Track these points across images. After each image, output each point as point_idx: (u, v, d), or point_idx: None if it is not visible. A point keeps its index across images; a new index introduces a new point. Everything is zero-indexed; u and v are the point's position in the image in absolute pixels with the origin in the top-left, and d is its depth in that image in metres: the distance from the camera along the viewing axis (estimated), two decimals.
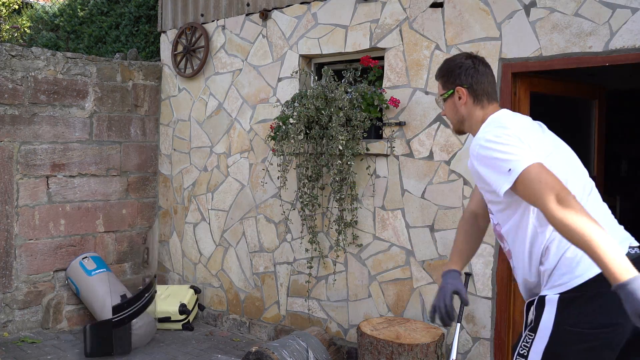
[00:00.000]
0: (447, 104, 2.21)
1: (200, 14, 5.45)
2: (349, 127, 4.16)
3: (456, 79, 2.16)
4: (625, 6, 3.26)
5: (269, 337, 4.83)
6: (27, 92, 4.85)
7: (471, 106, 2.15)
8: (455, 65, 2.18)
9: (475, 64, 2.16)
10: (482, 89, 2.14)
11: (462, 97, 2.15)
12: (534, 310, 1.96)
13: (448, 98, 2.20)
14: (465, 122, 2.19)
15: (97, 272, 4.99)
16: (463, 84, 2.15)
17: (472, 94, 2.14)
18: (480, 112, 2.15)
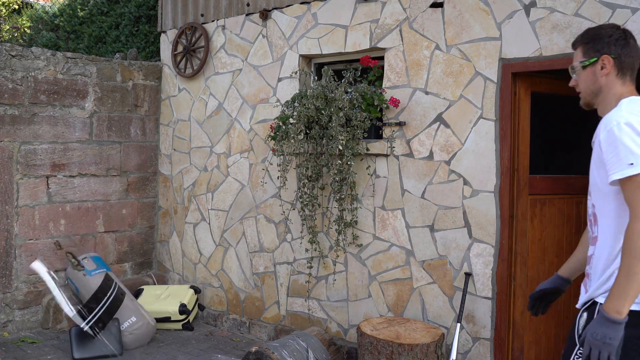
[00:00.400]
0: (585, 73, 2.07)
1: (200, 14, 5.45)
2: (349, 127, 4.16)
3: (604, 46, 2.02)
4: (625, 6, 3.26)
5: (269, 337, 4.83)
6: (27, 92, 4.85)
7: (613, 78, 2.03)
8: (604, 33, 2.04)
9: (627, 35, 2.04)
10: (629, 63, 2.02)
11: (605, 67, 2.02)
12: (586, 317, 1.94)
13: (588, 66, 2.05)
14: (600, 95, 2.06)
15: (97, 272, 4.98)
16: (611, 53, 2.01)
17: (618, 65, 2.02)
18: (621, 88, 2.02)
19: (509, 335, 3.75)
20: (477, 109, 3.79)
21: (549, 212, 3.86)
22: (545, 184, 3.84)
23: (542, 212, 3.82)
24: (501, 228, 3.69)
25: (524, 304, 3.75)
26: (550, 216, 3.86)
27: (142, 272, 5.75)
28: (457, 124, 3.89)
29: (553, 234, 3.86)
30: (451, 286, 3.94)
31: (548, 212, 3.85)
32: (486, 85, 3.76)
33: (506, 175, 3.68)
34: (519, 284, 3.75)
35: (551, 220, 3.86)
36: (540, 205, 3.82)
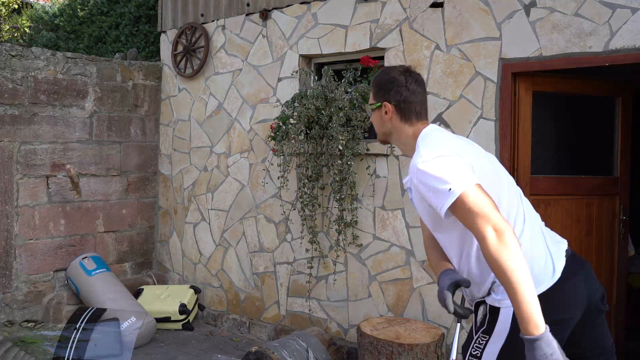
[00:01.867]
0: (375, 115, 2.19)
1: (200, 14, 5.45)
2: (349, 127, 4.16)
3: (385, 93, 2.13)
4: (625, 6, 3.26)
5: (269, 337, 4.83)
6: (27, 92, 4.85)
7: (398, 122, 2.13)
8: (387, 80, 2.15)
9: (408, 81, 2.12)
10: (410, 108, 2.11)
11: (388, 113, 2.13)
12: (488, 314, 1.99)
13: (376, 109, 2.18)
14: (392, 136, 2.18)
15: (97, 272, 4.99)
16: (391, 101, 2.12)
17: (399, 111, 2.11)
18: (410, 129, 2.12)
19: None
20: (477, 109, 3.79)
21: (554, 213, 3.78)
22: (550, 184, 3.80)
23: (546, 213, 3.72)
24: None
25: None
26: (556, 217, 3.78)
27: (142, 272, 5.75)
28: (457, 124, 3.89)
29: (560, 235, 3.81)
30: None
31: (553, 213, 3.78)
32: (486, 85, 3.76)
33: None
34: None
35: (557, 222, 3.77)
36: (545, 206, 3.75)
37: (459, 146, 1.98)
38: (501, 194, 1.97)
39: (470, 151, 2.01)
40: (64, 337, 4.26)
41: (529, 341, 1.68)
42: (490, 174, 1.99)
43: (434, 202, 1.87)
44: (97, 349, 4.30)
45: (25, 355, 4.19)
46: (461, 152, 1.93)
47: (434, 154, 1.90)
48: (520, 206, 2.03)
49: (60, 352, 4.16)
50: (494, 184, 1.95)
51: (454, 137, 2.09)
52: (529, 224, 2.01)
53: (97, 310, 4.56)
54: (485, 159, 2.05)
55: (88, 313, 4.48)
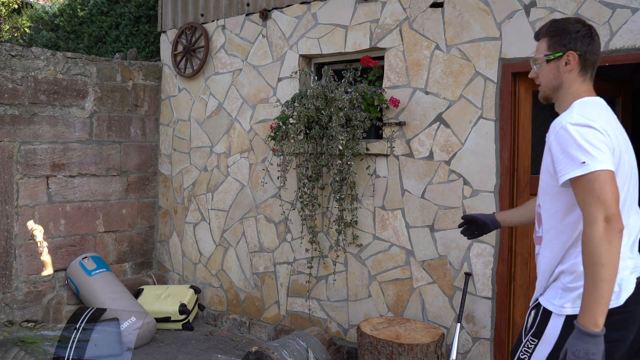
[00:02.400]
0: (548, 67, 2.03)
1: (200, 14, 5.45)
2: (349, 127, 4.16)
3: (570, 41, 1.99)
4: (625, 6, 3.26)
5: (269, 337, 4.83)
6: (27, 92, 4.85)
7: (575, 75, 2.00)
8: (572, 28, 2.00)
9: (593, 32, 2.01)
10: (592, 61, 2.01)
11: (570, 63, 2.00)
12: (539, 317, 1.95)
13: (553, 60, 2.02)
14: (560, 90, 2.04)
15: (97, 272, 4.99)
16: (577, 50, 1.99)
17: (582, 62, 2.00)
18: (580, 86, 2.01)
19: (509, 335, 3.75)
20: (477, 109, 3.79)
21: None
22: None
23: None
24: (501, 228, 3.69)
25: (524, 304, 3.74)
26: None
27: (142, 272, 5.75)
28: (457, 124, 3.89)
29: None
30: (451, 286, 3.94)
31: None
32: (486, 85, 3.76)
33: (506, 175, 3.68)
34: (519, 284, 3.75)
35: None
36: None
37: (612, 128, 1.90)
38: (625, 191, 1.92)
39: (620, 138, 1.93)
40: (64, 337, 4.26)
41: (584, 332, 1.69)
42: (625, 166, 1.93)
43: (561, 166, 1.83)
44: (97, 349, 4.30)
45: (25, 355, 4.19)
46: (611, 134, 1.86)
47: (586, 121, 1.83)
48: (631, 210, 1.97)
49: (60, 352, 4.16)
50: (625, 178, 1.91)
51: (612, 117, 1.99)
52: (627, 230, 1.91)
53: (97, 310, 4.56)
54: (626, 153, 1.96)
55: (88, 313, 4.48)
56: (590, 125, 1.83)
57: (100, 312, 4.53)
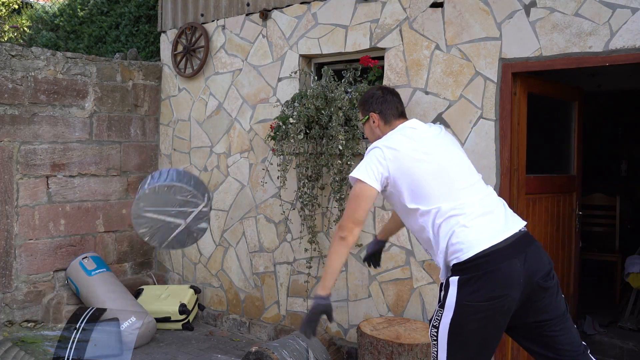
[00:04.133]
0: (366, 128, 2.73)
1: (200, 14, 5.45)
2: (348, 127, 4.16)
3: (369, 107, 2.70)
4: (625, 6, 3.26)
5: (269, 337, 4.83)
6: (27, 92, 4.85)
7: (383, 127, 2.66)
8: (368, 97, 2.72)
9: (384, 93, 2.70)
10: (389, 113, 2.66)
11: (375, 121, 2.68)
12: (442, 289, 2.35)
13: (366, 122, 2.72)
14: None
15: (97, 272, 4.99)
16: (375, 110, 2.68)
17: (382, 117, 2.67)
18: (390, 128, 2.63)
19: None
20: (477, 109, 3.79)
21: (538, 211, 3.95)
22: (537, 183, 3.93)
23: (534, 211, 3.91)
24: None
25: None
26: (539, 214, 3.95)
27: (142, 272, 5.75)
28: (457, 124, 3.89)
29: (541, 231, 3.94)
30: None
31: (538, 210, 3.94)
32: (486, 85, 3.76)
33: (506, 175, 3.68)
34: None
35: (540, 218, 3.95)
36: (532, 204, 3.90)
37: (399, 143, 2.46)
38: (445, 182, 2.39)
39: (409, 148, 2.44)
40: (64, 337, 4.26)
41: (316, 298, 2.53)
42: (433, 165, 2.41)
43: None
44: (97, 349, 4.30)
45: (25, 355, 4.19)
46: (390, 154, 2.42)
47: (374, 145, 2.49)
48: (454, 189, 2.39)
49: (60, 352, 4.16)
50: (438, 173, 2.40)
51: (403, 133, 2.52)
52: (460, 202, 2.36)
53: (97, 310, 4.56)
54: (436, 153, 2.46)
55: (88, 313, 4.48)
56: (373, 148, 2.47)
57: (100, 312, 4.53)
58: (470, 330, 2.25)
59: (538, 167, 3.96)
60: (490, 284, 2.22)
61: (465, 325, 2.25)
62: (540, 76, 3.94)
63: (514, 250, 2.27)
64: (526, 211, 3.77)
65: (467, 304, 2.24)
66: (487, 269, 2.23)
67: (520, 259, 2.26)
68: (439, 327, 2.31)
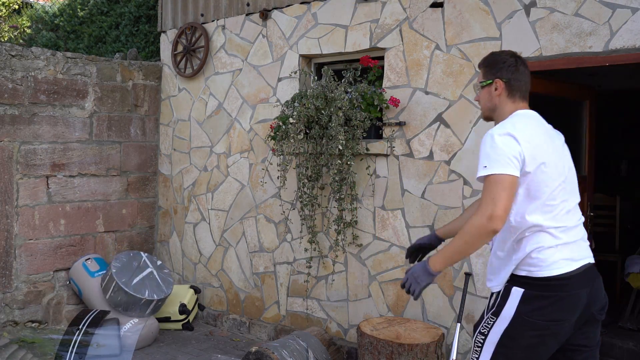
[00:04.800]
0: (484, 92, 2.46)
1: (200, 14, 5.45)
2: (348, 127, 4.16)
3: (498, 71, 2.41)
4: (625, 6, 3.26)
5: (269, 337, 4.83)
6: (27, 92, 4.85)
7: (504, 99, 2.40)
8: (499, 60, 2.43)
9: (518, 62, 2.41)
10: (517, 86, 2.39)
11: (498, 89, 2.40)
12: (499, 298, 2.29)
13: (486, 86, 2.45)
14: (495, 111, 2.43)
15: (100, 273, 4.99)
16: (502, 78, 2.39)
17: (508, 88, 2.39)
18: (511, 105, 2.39)
19: None
20: (477, 109, 3.79)
21: None
22: None
23: None
24: None
25: None
26: None
27: None
28: (457, 124, 3.89)
29: None
30: (451, 286, 3.94)
31: None
32: None
33: None
34: None
35: None
36: None
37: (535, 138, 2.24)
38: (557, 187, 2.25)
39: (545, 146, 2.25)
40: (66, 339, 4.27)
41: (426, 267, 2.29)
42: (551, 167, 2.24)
43: (478, 165, 2.24)
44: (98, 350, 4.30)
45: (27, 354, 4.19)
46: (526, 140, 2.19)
47: (502, 131, 2.22)
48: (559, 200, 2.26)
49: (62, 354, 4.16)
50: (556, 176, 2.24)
51: (534, 125, 2.32)
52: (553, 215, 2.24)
53: (100, 312, 4.56)
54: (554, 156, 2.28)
55: (91, 315, 4.48)
56: (503, 134, 2.21)
57: (103, 314, 4.53)
58: (520, 346, 2.21)
59: None
60: (557, 307, 2.18)
61: (517, 339, 2.21)
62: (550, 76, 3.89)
63: (586, 280, 2.25)
64: None
65: (527, 319, 2.19)
66: (559, 292, 2.19)
67: (587, 290, 2.24)
68: (487, 335, 2.26)
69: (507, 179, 2.13)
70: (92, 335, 4.30)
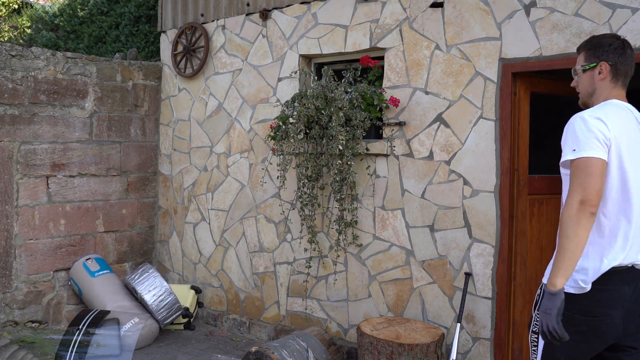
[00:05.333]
0: (585, 76, 2.35)
1: (200, 14, 5.45)
2: (349, 127, 4.15)
3: (603, 54, 2.30)
4: (625, 6, 3.26)
5: (269, 337, 4.83)
6: (27, 92, 4.85)
7: (607, 83, 2.30)
8: (605, 42, 2.31)
9: (625, 45, 2.31)
10: (623, 70, 2.30)
11: (602, 72, 2.30)
12: (541, 293, 2.26)
13: (588, 70, 2.34)
14: (594, 96, 2.32)
15: (100, 273, 4.99)
16: (609, 60, 2.28)
17: (613, 71, 2.29)
18: (612, 91, 2.30)
19: (509, 335, 3.75)
20: (477, 109, 3.79)
21: (546, 212, 3.89)
22: (544, 183, 3.86)
23: (539, 212, 3.85)
24: (501, 228, 3.70)
25: (524, 303, 3.75)
26: (547, 215, 3.89)
27: None
28: (457, 124, 3.89)
29: (550, 233, 3.88)
30: (451, 286, 3.94)
31: (545, 211, 3.88)
32: (486, 85, 3.76)
33: (506, 175, 3.68)
34: (518, 284, 3.75)
35: (548, 220, 3.89)
36: (539, 204, 3.84)
37: (620, 127, 2.17)
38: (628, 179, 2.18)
39: (623, 131, 2.17)
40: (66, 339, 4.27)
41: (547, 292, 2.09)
42: (629, 157, 2.17)
43: (563, 150, 2.18)
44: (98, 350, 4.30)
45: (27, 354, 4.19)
46: (615, 131, 2.13)
47: (591, 115, 2.15)
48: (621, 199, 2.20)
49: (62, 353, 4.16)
50: (625, 166, 2.16)
51: (628, 120, 2.24)
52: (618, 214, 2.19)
53: (100, 312, 4.56)
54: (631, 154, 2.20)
55: (91, 315, 4.48)
56: (592, 118, 2.12)
57: (104, 314, 4.53)
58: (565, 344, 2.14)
59: (549, 167, 3.92)
60: (595, 300, 2.15)
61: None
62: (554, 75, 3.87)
63: (629, 278, 2.21)
64: (529, 211, 3.76)
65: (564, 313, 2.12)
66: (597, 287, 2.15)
67: (631, 287, 2.20)
68: (538, 332, 2.25)
69: (594, 162, 2.07)
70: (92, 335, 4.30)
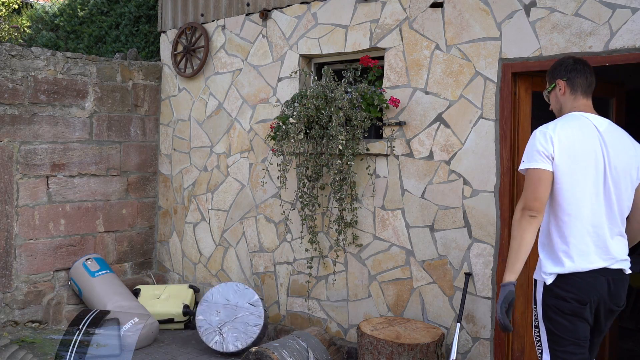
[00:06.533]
0: (551, 97, 2.67)
1: (200, 14, 5.45)
2: (348, 127, 4.16)
3: (557, 74, 2.62)
4: (625, 6, 3.26)
5: (269, 337, 4.83)
6: (27, 92, 4.85)
7: (567, 96, 2.58)
8: (557, 64, 2.65)
9: (576, 62, 2.60)
10: (579, 83, 2.57)
11: (561, 89, 2.59)
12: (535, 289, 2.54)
13: (552, 91, 2.65)
14: (562, 111, 2.60)
15: (100, 273, 4.99)
16: (562, 77, 2.59)
17: (569, 85, 2.58)
18: (572, 102, 2.58)
19: (509, 335, 3.75)
20: (477, 109, 3.79)
21: None
22: None
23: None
24: (501, 228, 3.70)
25: (524, 304, 3.74)
26: None
27: (142, 272, 5.75)
28: (457, 124, 3.89)
29: None
30: (451, 286, 3.94)
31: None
32: (486, 85, 3.76)
33: (506, 175, 3.68)
34: (519, 284, 3.75)
35: None
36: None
37: (567, 133, 2.43)
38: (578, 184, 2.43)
39: (576, 139, 2.43)
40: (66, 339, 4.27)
41: (502, 285, 2.47)
42: (577, 171, 2.43)
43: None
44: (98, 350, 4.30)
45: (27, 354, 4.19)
46: (563, 138, 2.40)
47: (542, 130, 2.46)
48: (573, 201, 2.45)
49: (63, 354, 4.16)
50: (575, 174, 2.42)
51: (579, 124, 2.47)
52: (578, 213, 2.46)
53: (100, 312, 4.56)
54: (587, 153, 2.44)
55: (91, 315, 4.48)
56: (544, 132, 2.43)
57: (103, 315, 4.53)
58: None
59: None
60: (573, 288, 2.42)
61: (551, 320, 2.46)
62: None
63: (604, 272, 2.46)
64: None
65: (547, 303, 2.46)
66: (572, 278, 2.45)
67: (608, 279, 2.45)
68: (539, 326, 2.51)
69: (537, 173, 2.47)
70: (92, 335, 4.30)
